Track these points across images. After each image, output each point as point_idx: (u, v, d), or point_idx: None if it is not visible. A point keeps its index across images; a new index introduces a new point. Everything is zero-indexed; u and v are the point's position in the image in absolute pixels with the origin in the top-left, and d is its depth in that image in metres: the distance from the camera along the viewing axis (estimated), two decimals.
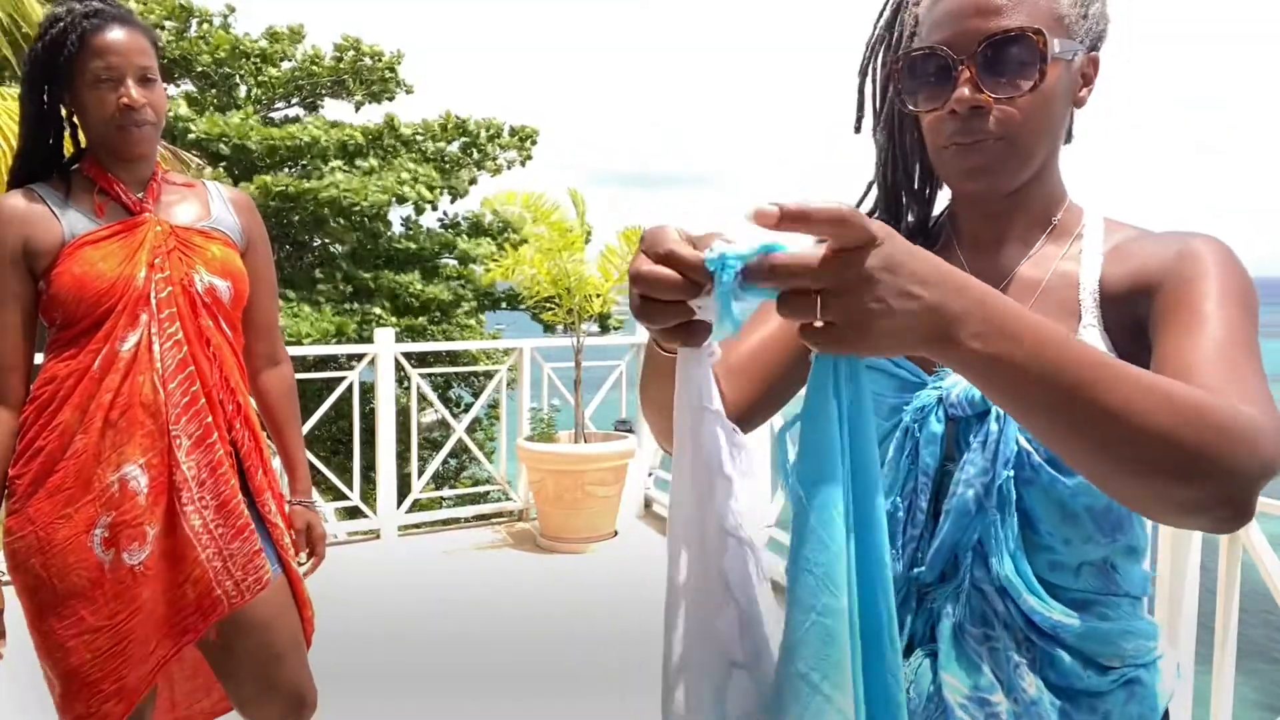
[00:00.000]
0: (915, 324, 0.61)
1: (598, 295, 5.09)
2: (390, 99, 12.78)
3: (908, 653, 0.91)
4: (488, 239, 11.92)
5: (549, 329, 5.51)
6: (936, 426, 0.91)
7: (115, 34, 1.68)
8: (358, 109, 12.76)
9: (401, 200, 11.22)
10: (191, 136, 10.24)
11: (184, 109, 10.46)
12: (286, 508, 1.94)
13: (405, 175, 11.20)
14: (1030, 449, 0.87)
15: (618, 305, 5.41)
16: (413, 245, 11.95)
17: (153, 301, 1.70)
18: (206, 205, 1.84)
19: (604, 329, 9.46)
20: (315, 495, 4.60)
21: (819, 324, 0.61)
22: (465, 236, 12.13)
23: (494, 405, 6.17)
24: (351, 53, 12.35)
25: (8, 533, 1.69)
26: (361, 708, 3.02)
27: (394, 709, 3.13)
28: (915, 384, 0.94)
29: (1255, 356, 0.79)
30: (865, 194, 1.05)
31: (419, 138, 11.86)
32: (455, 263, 12.08)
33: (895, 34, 0.98)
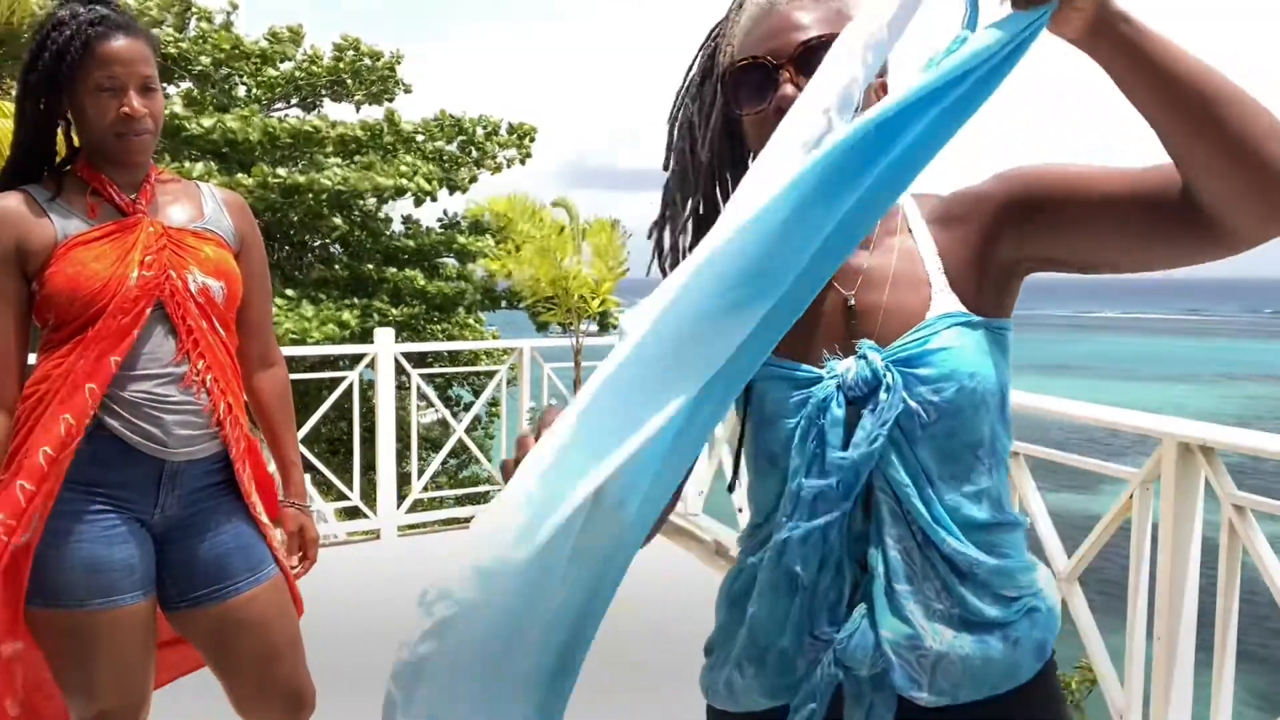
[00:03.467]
0: None
1: (594, 296, 5.09)
2: (390, 100, 12.76)
3: (849, 610, 1.01)
4: (488, 235, 11.91)
5: (542, 329, 5.52)
6: (838, 411, 0.99)
7: (120, 43, 1.67)
8: (358, 109, 12.75)
9: (400, 192, 11.21)
10: (185, 134, 10.22)
11: (180, 108, 10.44)
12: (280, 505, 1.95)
13: (404, 168, 11.20)
14: (916, 408, 0.98)
15: (619, 306, 5.41)
16: (413, 243, 11.94)
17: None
18: (200, 206, 1.83)
19: (603, 328, 9.46)
20: (314, 496, 4.60)
21: None
22: (465, 234, 12.13)
23: (494, 404, 6.17)
24: (351, 53, 12.33)
25: None
26: (361, 707, 3.00)
27: None
28: (812, 379, 1.01)
29: None
30: (686, 210, 1.11)
31: (419, 136, 11.85)
32: (455, 261, 12.07)
33: (716, 68, 1.09)
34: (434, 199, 11.66)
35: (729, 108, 1.06)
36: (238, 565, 1.81)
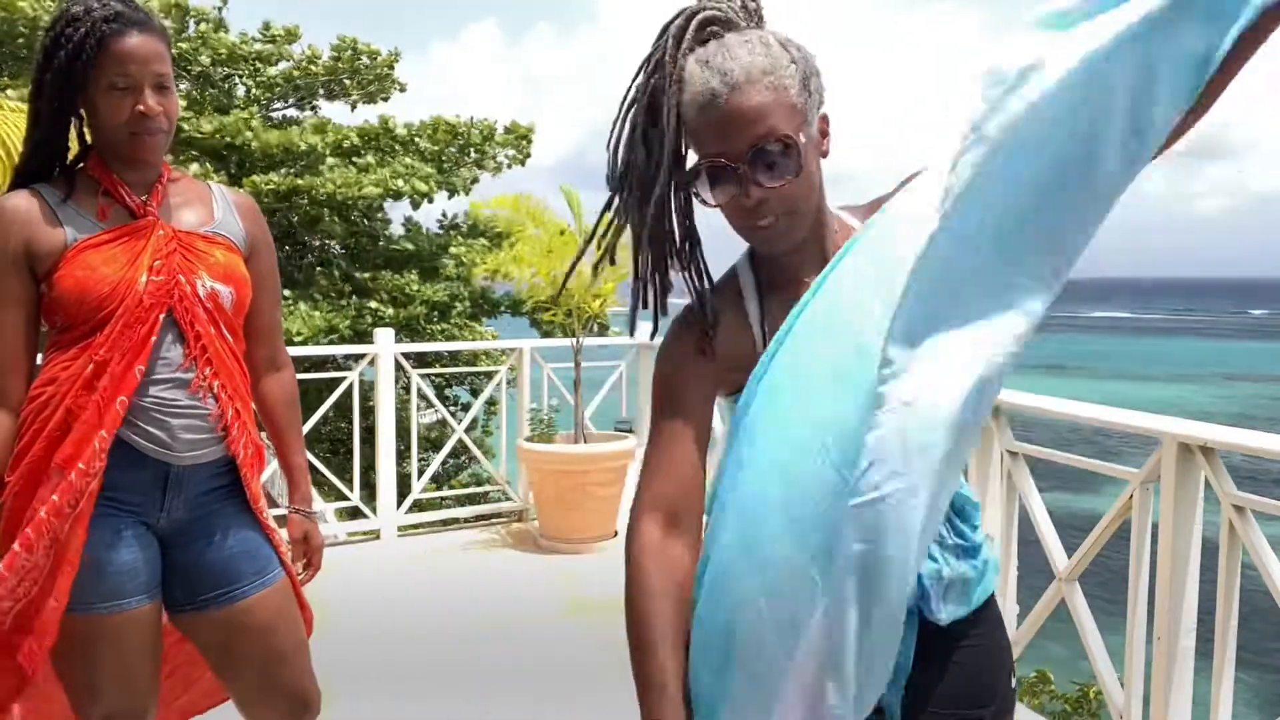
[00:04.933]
0: None
1: (596, 297, 5.08)
2: (385, 99, 12.77)
3: None
4: (485, 240, 11.91)
5: (547, 335, 5.51)
6: None
7: (134, 40, 1.64)
8: (353, 108, 12.77)
9: (397, 195, 11.20)
10: (184, 135, 10.21)
11: (182, 108, 10.44)
12: (283, 510, 1.94)
13: (401, 169, 11.20)
14: None
15: (616, 307, 5.40)
16: (410, 246, 11.93)
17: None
18: (210, 209, 1.82)
19: (603, 328, 9.47)
20: (315, 497, 4.61)
21: None
22: (463, 238, 12.12)
23: (492, 403, 6.17)
24: (349, 52, 12.34)
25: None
26: (362, 708, 3.02)
27: (394, 709, 3.13)
28: None
29: None
30: (641, 252, 1.22)
31: (416, 139, 11.85)
32: (453, 263, 12.07)
33: (663, 119, 1.17)
34: (430, 200, 11.67)
35: (699, 199, 1.20)
36: (243, 569, 1.80)
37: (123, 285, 1.66)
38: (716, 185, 1.16)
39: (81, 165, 1.75)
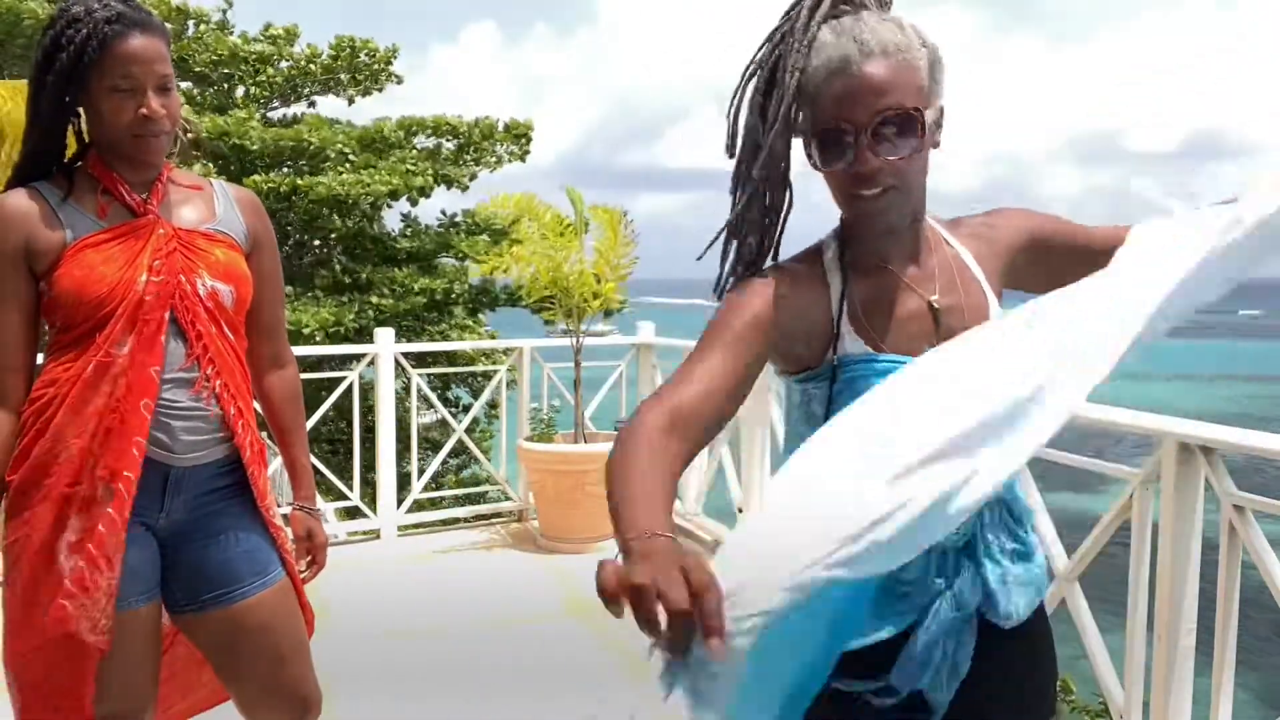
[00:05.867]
0: None
1: (595, 296, 5.08)
2: (380, 90, 12.80)
3: (957, 566, 1.21)
4: (485, 236, 11.91)
5: (550, 324, 5.49)
6: None
7: (137, 41, 1.63)
8: (350, 103, 12.80)
9: (395, 195, 11.21)
10: (191, 136, 10.23)
11: (185, 109, 10.45)
12: (286, 508, 1.94)
13: (400, 165, 11.20)
14: None
15: (619, 302, 5.39)
16: (410, 244, 11.94)
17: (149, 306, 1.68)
18: (211, 206, 1.81)
19: (608, 315, 9.44)
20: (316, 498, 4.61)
21: None
22: (463, 234, 12.13)
23: (493, 405, 6.17)
24: (348, 50, 12.36)
25: (6, 536, 1.68)
26: (361, 708, 3.02)
27: (394, 709, 3.13)
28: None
29: None
30: (739, 225, 1.21)
31: (413, 134, 11.86)
32: (453, 261, 12.07)
33: (779, 86, 1.17)
34: (427, 196, 11.67)
35: (811, 162, 1.19)
36: (244, 569, 1.80)
37: (121, 285, 1.65)
38: (830, 150, 1.16)
39: (80, 164, 1.74)
